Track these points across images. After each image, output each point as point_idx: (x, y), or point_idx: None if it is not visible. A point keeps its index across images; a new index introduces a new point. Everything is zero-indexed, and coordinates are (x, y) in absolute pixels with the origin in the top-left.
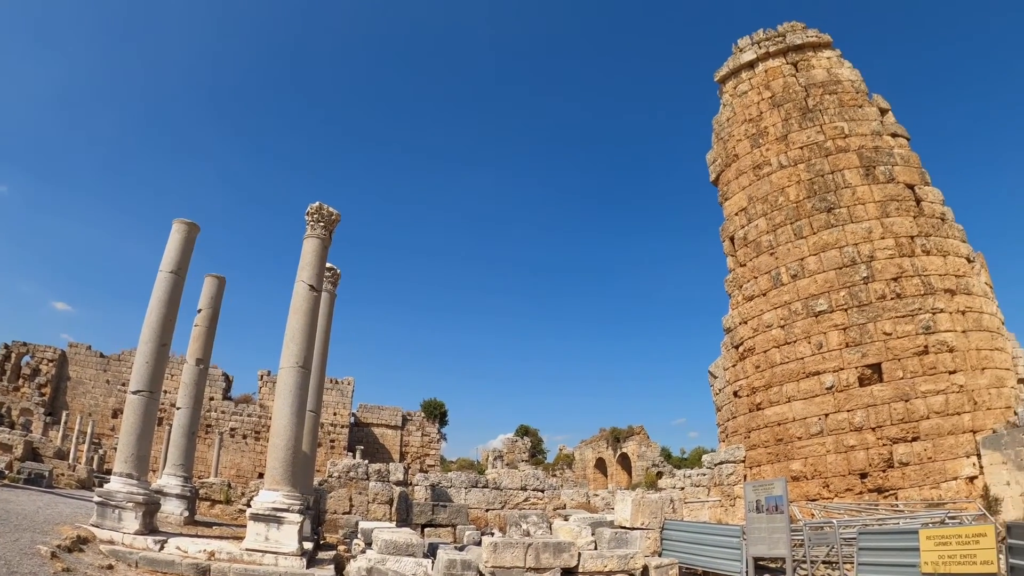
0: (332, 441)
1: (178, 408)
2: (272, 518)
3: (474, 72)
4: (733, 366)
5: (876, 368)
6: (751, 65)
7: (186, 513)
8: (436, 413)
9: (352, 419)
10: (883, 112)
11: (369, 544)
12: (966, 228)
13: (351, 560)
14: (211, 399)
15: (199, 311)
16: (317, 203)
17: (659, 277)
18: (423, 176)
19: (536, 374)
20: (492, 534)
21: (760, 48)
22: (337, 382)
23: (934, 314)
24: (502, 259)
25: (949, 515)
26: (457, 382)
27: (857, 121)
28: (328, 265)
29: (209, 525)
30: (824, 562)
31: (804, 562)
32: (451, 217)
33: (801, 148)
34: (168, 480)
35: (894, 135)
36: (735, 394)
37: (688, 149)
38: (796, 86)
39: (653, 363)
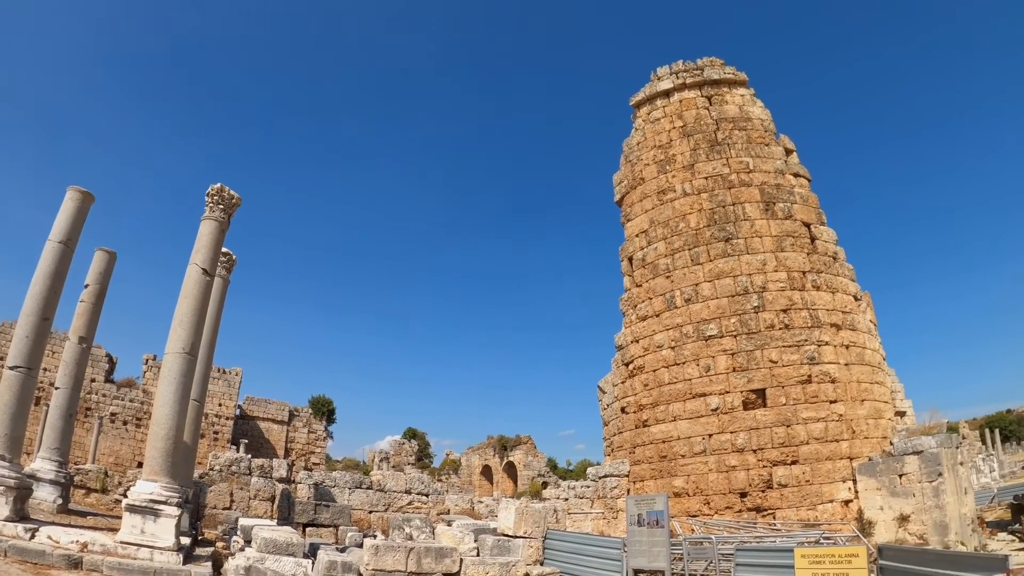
0: (216, 433)
1: (57, 388)
2: (149, 510)
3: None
4: (622, 383)
5: (761, 393)
6: (667, 94)
7: (60, 500)
8: (324, 410)
9: (238, 411)
10: (788, 152)
11: (249, 542)
12: (856, 268)
13: (230, 558)
14: (92, 381)
15: (86, 286)
16: (218, 184)
17: (555, 289)
18: (324, 170)
19: (426, 378)
20: (375, 536)
21: (678, 79)
22: (224, 372)
23: (819, 346)
24: (396, 260)
25: (824, 535)
26: (346, 380)
27: (762, 158)
28: (224, 250)
29: (83, 515)
30: None
31: (683, 575)
32: (349, 214)
33: (706, 178)
34: (42, 464)
35: (796, 175)
36: (623, 410)
37: (594, 166)
38: (708, 119)
39: (544, 374)
